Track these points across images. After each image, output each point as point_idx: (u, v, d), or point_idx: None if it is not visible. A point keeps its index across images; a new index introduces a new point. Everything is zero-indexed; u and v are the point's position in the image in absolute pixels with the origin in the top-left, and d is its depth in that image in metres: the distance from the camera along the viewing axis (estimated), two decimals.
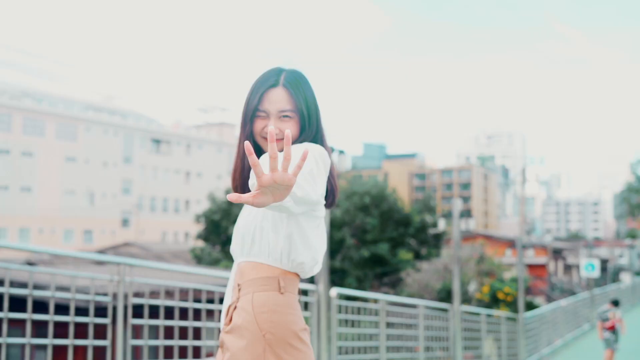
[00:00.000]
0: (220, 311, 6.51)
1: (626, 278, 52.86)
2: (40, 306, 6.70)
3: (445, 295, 29.00)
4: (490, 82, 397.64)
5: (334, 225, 25.65)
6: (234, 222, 26.76)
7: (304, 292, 7.21)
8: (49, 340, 4.82)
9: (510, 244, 41.30)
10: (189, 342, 5.99)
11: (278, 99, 2.34)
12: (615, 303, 15.87)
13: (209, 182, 77.60)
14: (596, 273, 24.98)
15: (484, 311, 15.20)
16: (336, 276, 23.45)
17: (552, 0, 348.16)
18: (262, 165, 2.37)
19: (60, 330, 5.53)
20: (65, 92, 76.90)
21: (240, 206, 26.32)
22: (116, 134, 70.15)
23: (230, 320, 2.29)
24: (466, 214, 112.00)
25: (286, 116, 2.34)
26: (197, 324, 6.11)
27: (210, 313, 6.69)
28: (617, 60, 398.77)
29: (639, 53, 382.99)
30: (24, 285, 8.21)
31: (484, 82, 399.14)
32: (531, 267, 38.90)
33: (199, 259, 25.03)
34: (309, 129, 2.38)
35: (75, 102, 74.07)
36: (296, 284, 2.39)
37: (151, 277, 9.85)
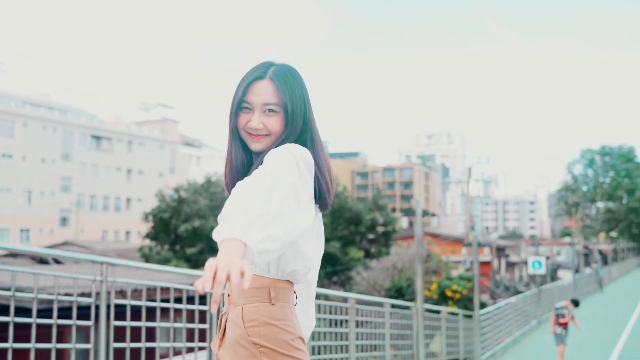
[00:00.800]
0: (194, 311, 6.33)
1: (564, 275, 54.24)
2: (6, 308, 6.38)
3: (395, 294, 29.19)
4: (430, 81, 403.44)
5: None
6: (184, 220, 26.54)
7: None
8: (32, 345, 4.63)
9: (456, 242, 41.90)
10: (170, 344, 5.89)
11: (263, 92, 2.23)
12: (576, 303, 16.21)
13: (151, 180, 76.51)
14: (543, 270, 25.50)
15: (443, 309, 15.33)
16: None
17: (490, 2, 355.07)
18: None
19: (25, 332, 5.28)
20: (2, 86, 74.53)
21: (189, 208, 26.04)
22: (55, 130, 68.48)
23: (224, 333, 2.20)
24: (408, 212, 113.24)
25: (271, 110, 2.23)
26: (178, 325, 5.98)
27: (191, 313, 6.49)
28: (553, 63, 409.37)
29: (576, 56, 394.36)
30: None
31: (423, 81, 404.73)
32: None
33: (148, 258, 24.58)
34: (293, 126, 2.26)
35: (12, 97, 71.90)
36: (290, 292, 2.26)
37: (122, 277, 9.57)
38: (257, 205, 1.80)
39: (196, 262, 24.45)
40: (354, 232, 29.70)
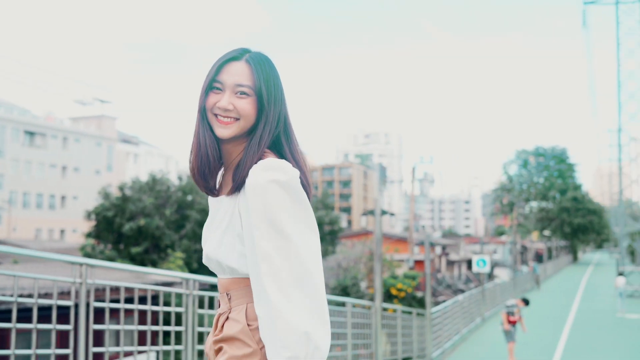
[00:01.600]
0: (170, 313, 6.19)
1: (500, 273, 55.39)
2: None
3: (340, 293, 29.27)
4: (367, 80, 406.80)
5: None
6: (129, 219, 26.03)
7: None
8: (11, 351, 4.42)
9: (399, 241, 42.33)
10: (148, 348, 5.75)
11: (237, 72, 2.10)
12: (526, 302, 16.56)
13: (88, 177, 74.78)
14: (487, 268, 25.94)
15: (400, 308, 15.42)
16: None
17: (426, 1, 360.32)
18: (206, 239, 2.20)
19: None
20: None
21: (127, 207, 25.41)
22: None
23: (222, 329, 2.10)
24: (347, 211, 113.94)
25: (243, 92, 2.09)
26: (155, 328, 5.84)
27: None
28: (488, 63, 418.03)
29: (510, 56, 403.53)
30: None
31: (360, 80, 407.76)
32: (419, 263, 39.98)
33: (90, 257, 23.99)
34: (268, 116, 2.12)
35: None
36: None
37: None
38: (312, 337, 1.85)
39: (141, 261, 24.02)
40: None
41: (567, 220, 76.50)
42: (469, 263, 58.75)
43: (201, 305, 6.49)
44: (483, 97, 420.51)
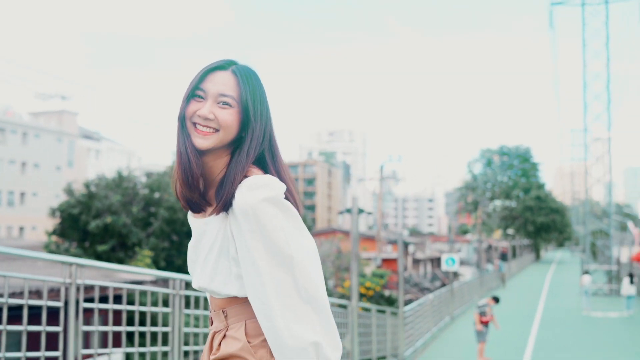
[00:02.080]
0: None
1: (465, 271, 55.88)
2: None
3: None
4: (330, 78, 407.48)
5: None
6: (95, 216, 25.55)
7: None
8: (2, 354, 4.33)
9: (367, 239, 42.34)
10: (136, 349, 5.57)
11: (222, 82, 2.01)
12: (497, 300, 16.63)
13: (48, 173, 73.49)
14: (456, 267, 26.05)
15: (375, 307, 15.35)
16: None
17: (390, 2, 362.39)
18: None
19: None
20: None
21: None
22: None
23: (219, 348, 2.02)
24: (311, 209, 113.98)
25: (226, 103, 1.99)
26: (142, 329, 5.76)
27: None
28: (453, 62, 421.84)
29: (475, 55, 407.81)
30: None
31: (324, 77, 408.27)
32: (386, 261, 40.06)
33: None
34: (254, 131, 2.02)
35: None
36: None
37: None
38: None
39: (107, 260, 23.58)
40: None
41: (530, 218, 77.56)
42: (434, 261, 59.25)
43: (187, 305, 6.38)
44: (447, 95, 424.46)
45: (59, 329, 4.61)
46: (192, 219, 2.11)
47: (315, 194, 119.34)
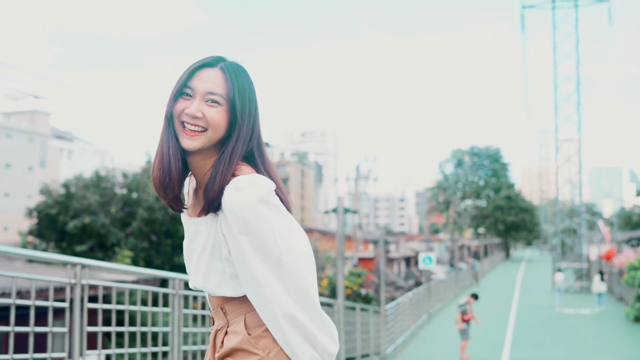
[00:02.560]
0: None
1: (437, 270, 56.28)
2: None
3: None
4: (303, 79, 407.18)
5: (178, 222, 24.99)
6: (73, 217, 25.37)
7: None
8: (10, 356, 4.24)
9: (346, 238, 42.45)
10: (137, 350, 5.62)
11: (210, 79, 1.98)
12: (476, 297, 16.94)
13: (20, 174, 72.61)
14: (433, 266, 26.34)
15: (360, 306, 15.54)
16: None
17: (360, 2, 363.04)
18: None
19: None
20: None
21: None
22: None
23: (222, 345, 2.04)
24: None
25: (214, 101, 1.95)
26: (144, 329, 5.76)
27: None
28: (424, 64, 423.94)
29: (445, 59, 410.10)
30: None
31: (296, 79, 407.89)
32: (362, 260, 40.31)
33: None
34: (242, 129, 2.00)
35: None
36: None
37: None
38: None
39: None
40: None
41: (500, 218, 78.42)
42: (408, 260, 59.60)
43: (186, 305, 6.41)
44: (417, 96, 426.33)
45: (64, 329, 4.62)
46: (185, 217, 2.09)
47: (289, 194, 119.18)
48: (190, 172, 2.08)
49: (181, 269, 21.58)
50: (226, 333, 2.02)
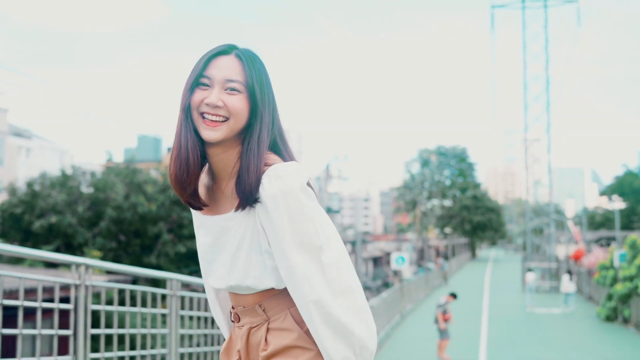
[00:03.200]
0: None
1: (405, 270, 56.42)
2: None
3: None
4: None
5: (149, 220, 24.50)
6: (38, 216, 24.70)
7: None
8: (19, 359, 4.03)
9: None
10: (138, 352, 5.45)
11: (227, 67, 1.92)
12: (455, 296, 16.88)
13: None
14: (406, 266, 26.25)
15: None
16: None
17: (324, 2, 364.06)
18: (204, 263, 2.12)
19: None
20: None
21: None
22: None
23: (267, 343, 1.94)
24: None
25: (233, 89, 1.90)
26: (144, 331, 5.63)
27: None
28: (386, 62, 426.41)
29: (409, 56, 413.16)
30: None
31: None
32: None
33: None
34: (263, 117, 1.94)
35: None
36: None
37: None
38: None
39: (50, 262, 22.82)
40: None
41: (467, 217, 79.05)
42: (375, 260, 59.68)
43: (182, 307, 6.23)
44: (384, 95, 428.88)
45: (69, 332, 4.43)
46: (204, 216, 2.01)
47: None
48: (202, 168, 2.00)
49: (150, 269, 21.24)
50: (268, 330, 1.95)
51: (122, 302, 14.53)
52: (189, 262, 25.68)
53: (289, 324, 1.92)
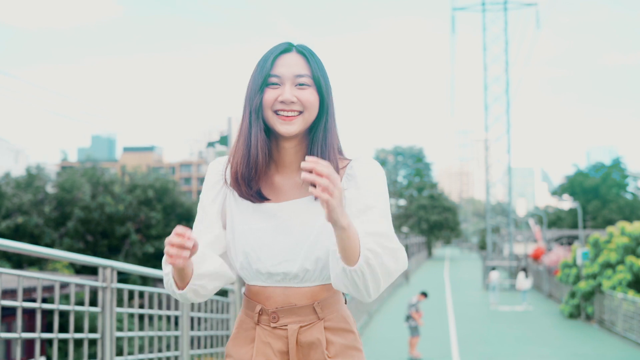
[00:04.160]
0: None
1: None
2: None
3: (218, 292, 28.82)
4: (222, 77, 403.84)
5: (116, 220, 24.23)
6: (4, 216, 24.19)
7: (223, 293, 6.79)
8: None
9: None
10: (155, 355, 5.41)
11: (294, 63, 2.00)
12: (426, 295, 17.21)
13: None
14: None
15: None
16: (121, 274, 21.82)
17: (281, 2, 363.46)
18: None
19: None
20: None
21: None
22: None
23: (328, 346, 1.98)
24: None
25: (303, 84, 1.97)
26: (176, 333, 5.66)
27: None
28: (343, 62, 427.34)
29: (366, 56, 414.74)
30: None
31: (214, 77, 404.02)
32: None
33: None
34: (329, 107, 2.03)
35: None
36: None
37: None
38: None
39: (18, 262, 22.42)
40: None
41: (424, 217, 79.78)
42: None
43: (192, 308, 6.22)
44: (341, 95, 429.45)
45: (97, 335, 4.45)
46: (262, 204, 2.02)
47: None
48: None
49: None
50: (325, 328, 1.97)
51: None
52: (157, 262, 25.47)
53: (348, 324, 1.99)
